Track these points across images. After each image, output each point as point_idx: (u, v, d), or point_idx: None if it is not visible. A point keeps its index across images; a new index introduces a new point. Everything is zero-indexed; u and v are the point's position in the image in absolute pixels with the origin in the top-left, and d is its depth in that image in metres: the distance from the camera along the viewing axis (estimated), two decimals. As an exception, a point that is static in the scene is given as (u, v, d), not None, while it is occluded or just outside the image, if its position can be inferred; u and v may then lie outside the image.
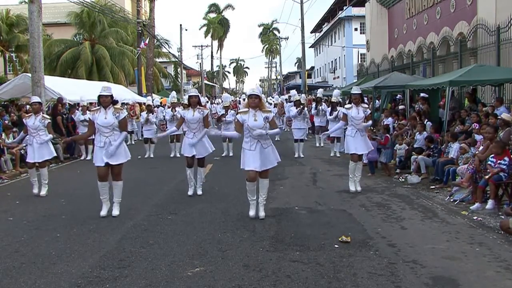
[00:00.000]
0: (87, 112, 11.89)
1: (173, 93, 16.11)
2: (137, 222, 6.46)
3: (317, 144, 15.57)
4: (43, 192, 8.35)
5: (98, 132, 6.70)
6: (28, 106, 15.08)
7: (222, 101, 17.48)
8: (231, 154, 13.19)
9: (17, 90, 16.52)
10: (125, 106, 18.03)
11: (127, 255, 5.06)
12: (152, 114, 14.36)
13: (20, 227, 6.35)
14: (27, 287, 4.27)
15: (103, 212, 6.68)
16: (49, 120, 8.55)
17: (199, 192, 8.20)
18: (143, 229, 6.08)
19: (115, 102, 6.75)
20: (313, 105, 15.46)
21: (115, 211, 6.74)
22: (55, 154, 9.00)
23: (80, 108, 14.16)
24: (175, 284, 4.27)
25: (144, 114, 14.52)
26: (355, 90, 8.38)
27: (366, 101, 11.59)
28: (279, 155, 6.53)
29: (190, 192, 8.13)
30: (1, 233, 6.03)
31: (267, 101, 21.05)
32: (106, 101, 6.61)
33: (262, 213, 6.44)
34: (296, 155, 12.90)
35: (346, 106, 8.46)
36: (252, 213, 6.46)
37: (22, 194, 8.47)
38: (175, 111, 13.13)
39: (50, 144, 8.56)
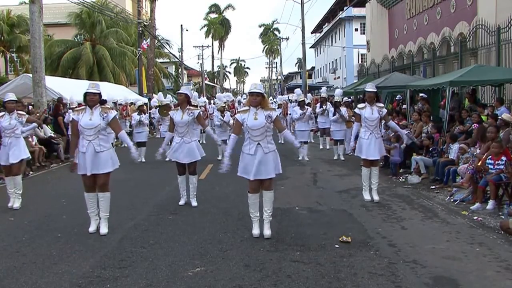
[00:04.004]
0: (71, 112, 10.33)
1: (160, 94, 15.63)
2: (138, 222, 6.47)
3: (321, 147, 14.96)
4: (17, 204, 7.43)
5: (81, 135, 5.83)
6: (30, 107, 15.12)
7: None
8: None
9: (18, 91, 16.44)
10: (118, 107, 17.91)
11: (128, 255, 5.08)
12: (144, 115, 13.65)
13: (21, 227, 6.37)
14: (28, 287, 4.28)
15: (92, 228, 5.90)
16: (27, 116, 7.84)
17: (194, 203, 7.34)
18: (143, 229, 6.10)
19: (103, 102, 5.93)
20: (318, 105, 14.58)
21: (103, 229, 5.86)
22: (29, 156, 8.25)
23: (70, 110, 13.76)
24: (176, 284, 4.28)
25: (135, 115, 13.61)
26: (370, 88, 7.56)
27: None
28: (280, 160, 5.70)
29: (181, 202, 7.42)
30: (2, 233, 6.05)
31: None
32: (93, 99, 5.78)
33: (267, 231, 5.56)
34: (300, 158, 12.42)
35: (359, 105, 7.68)
36: (256, 231, 5.59)
37: (23, 194, 8.47)
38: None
39: (24, 143, 7.80)
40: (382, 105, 7.67)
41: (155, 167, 11.81)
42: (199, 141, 7.48)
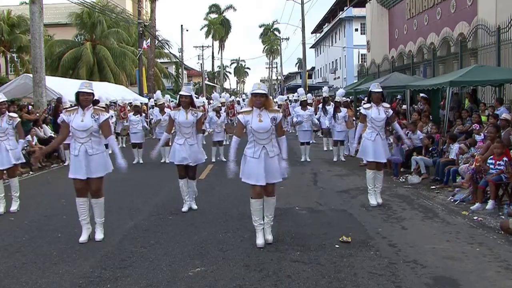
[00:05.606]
0: (62, 112, 10.28)
1: (158, 93, 15.38)
2: (138, 222, 6.48)
3: (325, 148, 14.51)
4: (14, 207, 7.24)
5: (72, 137, 5.53)
6: (30, 107, 15.13)
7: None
8: (223, 159, 11.51)
9: (19, 91, 16.57)
10: (117, 108, 17.85)
11: (128, 255, 5.08)
12: (140, 115, 13.38)
13: (22, 227, 6.37)
14: (29, 287, 4.28)
15: (83, 238, 5.55)
16: (19, 120, 7.52)
17: (194, 206, 7.11)
18: (144, 229, 6.10)
19: (95, 102, 5.62)
20: (320, 105, 14.23)
21: (99, 235, 5.60)
22: (24, 160, 8.08)
23: (64, 110, 13.44)
24: (176, 284, 4.28)
25: (131, 115, 13.44)
26: (376, 88, 7.29)
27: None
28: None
29: (185, 208, 7.01)
30: (3, 233, 6.05)
31: None
32: (87, 99, 5.45)
33: (269, 236, 5.37)
34: (303, 159, 12.23)
35: (365, 106, 7.46)
36: (260, 241, 5.26)
37: (23, 194, 8.47)
38: (164, 113, 12.32)
39: (19, 148, 7.56)
40: (388, 105, 7.49)
41: (155, 168, 11.83)
42: None
